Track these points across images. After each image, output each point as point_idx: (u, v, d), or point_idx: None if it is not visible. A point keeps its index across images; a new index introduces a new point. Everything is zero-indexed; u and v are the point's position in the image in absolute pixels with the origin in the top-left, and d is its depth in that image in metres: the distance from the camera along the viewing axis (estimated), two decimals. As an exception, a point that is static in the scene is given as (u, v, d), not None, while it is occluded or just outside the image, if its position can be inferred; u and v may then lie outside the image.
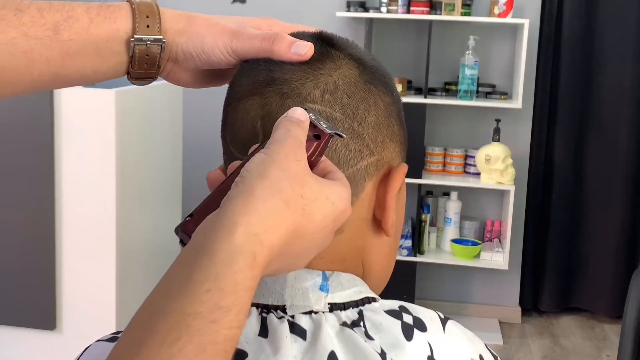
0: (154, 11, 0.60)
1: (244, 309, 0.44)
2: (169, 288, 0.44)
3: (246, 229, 0.45)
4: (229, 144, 0.62)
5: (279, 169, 0.48)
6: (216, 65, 0.63)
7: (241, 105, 0.61)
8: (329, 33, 0.64)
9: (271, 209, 0.46)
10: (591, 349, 3.56)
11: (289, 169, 0.49)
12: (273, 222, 0.46)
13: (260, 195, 0.46)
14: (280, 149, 0.50)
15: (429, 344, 0.59)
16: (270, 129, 0.54)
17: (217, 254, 0.44)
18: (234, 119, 0.61)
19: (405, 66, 3.70)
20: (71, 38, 0.58)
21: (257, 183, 0.47)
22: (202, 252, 0.44)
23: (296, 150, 0.50)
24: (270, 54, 0.61)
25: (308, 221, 0.49)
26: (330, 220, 0.51)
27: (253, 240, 0.45)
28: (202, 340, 0.41)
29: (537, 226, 3.85)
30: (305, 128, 0.53)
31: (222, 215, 0.46)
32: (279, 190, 0.47)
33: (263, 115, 0.59)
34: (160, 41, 0.60)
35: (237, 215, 0.45)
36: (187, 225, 0.52)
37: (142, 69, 0.62)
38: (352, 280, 0.61)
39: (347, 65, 0.61)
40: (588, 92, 3.71)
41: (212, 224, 0.46)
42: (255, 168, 0.48)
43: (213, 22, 0.63)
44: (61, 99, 2.16)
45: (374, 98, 0.61)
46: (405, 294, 3.57)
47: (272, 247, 0.46)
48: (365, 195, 0.61)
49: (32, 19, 0.56)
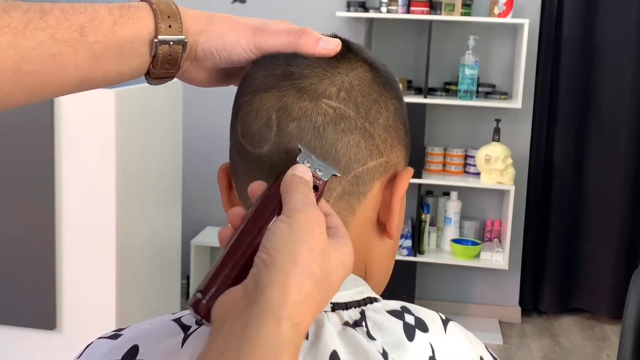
0: (174, 11, 0.60)
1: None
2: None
3: (289, 321, 0.45)
4: (240, 137, 0.62)
5: (308, 248, 0.48)
6: (237, 63, 0.64)
7: (257, 97, 0.61)
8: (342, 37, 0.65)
9: (305, 294, 0.47)
10: (591, 349, 3.56)
11: (316, 245, 0.49)
12: (307, 307, 0.47)
13: (295, 284, 0.46)
14: (305, 221, 0.50)
15: (430, 345, 0.59)
16: (285, 122, 0.54)
17: (261, 347, 0.44)
18: (247, 111, 0.61)
19: (405, 66, 3.70)
20: (97, 40, 0.57)
21: (290, 269, 0.47)
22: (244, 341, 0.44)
23: (319, 221, 0.50)
24: (297, 48, 0.61)
25: (328, 297, 0.50)
26: (342, 280, 0.52)
27: (295, 330, 0.46)
28: None
29: (537, 226, 3.85)
30: (311, 184, 0.54)
31: (261, 307, 0.45)
32: (311, 274, 0.48)
33: (279, 107, 0.59)
34: (182, 41, 0.60)
35: (277, 308, 0.45)
36: (198, 306, 0.50)
37: (163, 69, 0.62)
38: (355, 281, 0.61)
39: (362, 67, 0.62)
40: (588, 92, 3.71)
41: (248, 315, 0.45)
42: (284, 248, 0.48)
43: (234, 20, 0.63)
44: (61, 98, 2.16)
45: (385, 101, 0.62)
46: (405, 294, 3.57)
47: (307, 328, 0.47)
48: (372, 195, 0.62)
49: (57, 21, 0.56)
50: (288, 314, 0.45)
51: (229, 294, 0.48)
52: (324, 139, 0.59)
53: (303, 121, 0.59)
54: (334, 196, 0.60)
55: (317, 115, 0.59)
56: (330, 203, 0.60)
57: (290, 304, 0.46)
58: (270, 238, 0.49)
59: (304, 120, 0.59)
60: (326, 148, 0.59)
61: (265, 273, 0.47)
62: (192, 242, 3.67)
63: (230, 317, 0.46)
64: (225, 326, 0.46)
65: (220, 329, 0.46)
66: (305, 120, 0.59)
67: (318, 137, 0.59)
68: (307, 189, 0.53)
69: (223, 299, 0.48)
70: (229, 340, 0.45)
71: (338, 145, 0.59)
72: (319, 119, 0.59)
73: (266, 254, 0.48)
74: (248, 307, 0.46)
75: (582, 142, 3.75)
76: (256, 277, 0.47)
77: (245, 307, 0.46)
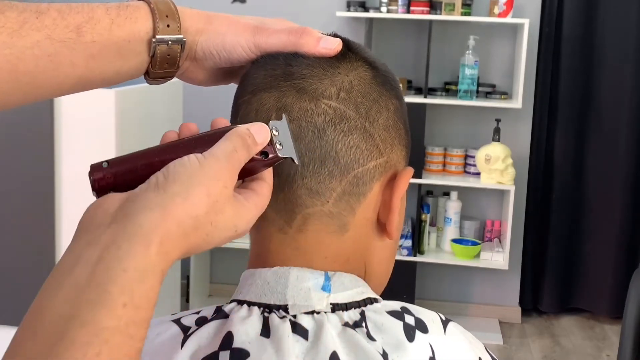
0: (172, 10, 0.60)
1: (148, 322, 0.45)
2: (80, 290, 0.43)
3: (159, 248, 0.45)
4: None
5: (205, 193, 0.48)
6: (236, 63, 0.63)
7: (256, 97, 0.61)
8: (343, 36, 0.64)
9: (182, 231, 0.47)
10: (591, 349, 3.56)
11: (213, 195, 0.49)
12: (180, 243, 0.47)
13: (178, 218, 0.47)
14: (215, 170, 0.50)
15: (430, 345, 0.59)
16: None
17: (131, 270, 0.43)
18: (247, 111, 0.61)
19: (405, 66, 3.70)
20: (94, 40, 0.57)
21: (179, 203, 0.47)
22: (115, 260, 0.44)
23: (228, 176, 0.50)
24: (298, 47, 0.61)
25: (205, 245, 0.50)
26: (226, 241, 0.52)
27: (164, 259, 0.46)
28: (121, 355, 0.42)
29: (537, 226, 3.84)
30: (255, 151, 0.53)
31: (137, 225, 0.45)
32: (195, 217, 0.48)
33: (278, 108, 0.59)
34: (181, 41, 0.60)
35: (152, 233, 0.45)
36: (97, 172, 0.52)
37: (162, 69, 0.61)
38: (355, 281, 0.61)
39: (362, 67, 0.62)
40: (588, 92, 3.71)
41: (123, 229, 0.45)
42: (183, 182, 0.48)
43: (233, 19, 0.63)
44: (61, 98, 2.16)
45: (385, 101, 0.62)
46: (405, 294, 3.57)
47: (173, 261, 0.47)
48: (372, 195, 0.62)
49: (54, 21, 0.55)
50: (159, 241, 0.45)
51: (111, 198, 0.49)
52: (324, 140, 0.59)
53: (302, 121, 0.59)
54: (334, 197, 0.60)
55: (316, 115, 0.59)
56: (330, 203, 0.60)
57: (165, 232, 0.46)
58: (176, 165, 0.49)
59: (303, 120, 0.59)
60: (326, 148, 0.59)
61: (152, 195, 0.47)
62: (192, 242, 3.67)
63: (102, 223, 0.46)
64: (94, 233, 0.46)
65: (87, 234, 0.46)
66: (305, 121, 0.59)
67: (318, 138, 0.59)
68: (243, 146, 0.52)
69: (104, 200, 0.48)
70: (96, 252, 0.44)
71: (338, 145, 0.59)
72: (318, 120, 0.59)
73: (164, 177, 0.48)
74: (122, 221, 0.46)
75: (582, 142, 3.75)
76: (141, 196, 0.48)
77: (120, 219, 0.46)
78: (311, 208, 0.60)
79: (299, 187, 0.59)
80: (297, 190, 0.59)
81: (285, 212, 0.60)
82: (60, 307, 0.42)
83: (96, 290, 0.42)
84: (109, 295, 0.42)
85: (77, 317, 0.41)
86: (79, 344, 0.41)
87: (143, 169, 0.52)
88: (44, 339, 0.41)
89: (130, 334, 0.43)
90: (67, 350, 0.40)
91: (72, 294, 0.43)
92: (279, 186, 0.59)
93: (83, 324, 0.41)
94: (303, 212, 0.60)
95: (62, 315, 0.42)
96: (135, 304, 0.43)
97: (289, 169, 0.59)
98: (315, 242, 0.61)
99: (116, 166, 0.52)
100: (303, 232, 0.61)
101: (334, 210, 0.60)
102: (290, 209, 0.60)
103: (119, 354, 0.42)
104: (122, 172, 0.52)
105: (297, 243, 0.61)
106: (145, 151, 0.53)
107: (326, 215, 0.60)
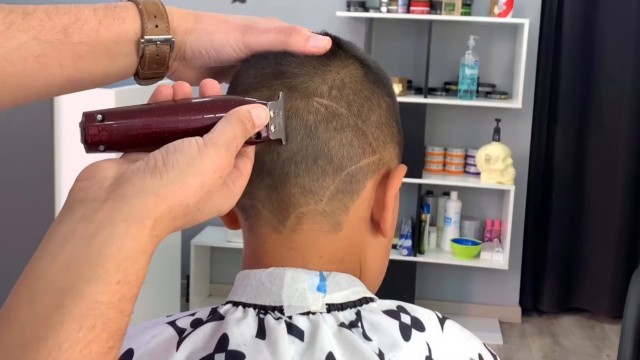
0: (161, 11, 0.60)
1: (136, 298, 0.47)
2: (76, 263, 0.45)
3: (151, 231, 0.47)
4: None
5: (200, 184, 0.50)
6: (226, 62, 0.63)
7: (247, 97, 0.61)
8: (333, 35, 0.64)
9: (172, 217, 0.49)
10: (591, 349, 3.56)
11: (207, 185, 0.51)
12: (168, 227, 0.49)
13: (171, 206, 0.49)
14: (214, 160, 0.51)
15: (427, 344, 0.59)
16: None
17: (126, 249, 0.46)
18: None
19: (405, 66, 3.70)
20: (81, 41, 0.57)
21: (175, 191, 0.49)
22: (111, 238, 0.46)
23: (225, 166, 0.52)
24: (287, 46, 0.61)
25: (188, 225, 0.52)
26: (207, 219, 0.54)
27: (154, 242, 0.48)
28: (113, 328, 0.45)
29: (537, 226, 3.84)
30: (251, 134, 0.55)
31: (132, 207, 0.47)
32: (186, 205, 0.50)
33: None
34: (169, 41, 0.60)
35: (147, 217, 0.47)
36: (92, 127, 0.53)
37: (151, 69, 0.61)
38: (350, 281, 0.61)
39: (353, 65, 0.62)
40: (588, 92, 3.70)
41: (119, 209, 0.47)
42: (181, 170, 0.50)
43: (222, 19, 0.63)
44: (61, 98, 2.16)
45: (377, 99, 0.62)
46: (405, 294, 3.57)
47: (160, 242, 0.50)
48: (365, 194, 0.62)
49: (40, 22, 0.55)
50: (152, 224, 0.47)
51: (104, 169, 0.50)
52: (316, 138, 0.59)
53: (294, 120, 0.59)
54: (328, 195, 0.60)
55: (308, 113, 0.59)
56: (323, 202, 0.60)
57: (158, 217, 0.48)
58: (176, 149, 0.51)
59: (295, 119, 0.59)
60: (318, 146, 0.59)
61: (149, 179, 0.49)
62: (192, 242, 3.67)
63: (97, 198, 0.48)
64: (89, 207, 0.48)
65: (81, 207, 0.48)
66: (297, 119, 0.59)
67: (310, 136, 0.59)
68: (242, 132, 0.54)
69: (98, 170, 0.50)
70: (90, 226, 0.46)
71: (330, 143, 0.59)
72: (310, 118, 0.59)
73: (162, 162, 0.50)
74: (118, 200, 0.47)
75: (582, 142, 3.75)
76: (138, 176, 0.49)
77: (116, 198, 0.48)
78: (305, 207, 0.60)
79: (293, 186, 0.59)
80: (291, 189, 0.59)
81: (279, 211, 0.60)
82: (55, 278, 0.44)
83: (93, 266, 0.45)
84: (105, 271, 0.45)
85: (74, 289, 0.44)
86: (76, 316, 0.43)
87: (138, 135, 0.53)
88: (41, 307, 0.43)
89: (121, 309, 0.45)
90: (64, 320, 0.43)
91: (68, 266, 0.45)
92: (272, 185, 0.59)
93: (79, 297, 0.43)
94: (297, 212, 0.60)
95: (57, 287, 0.44)
96: (128, 281, 0.46)
97: (282, 168, 0.59)
98: (310, 242, 0.61)
99: (111, 121, 0.53)
100: (297, 231, 0.61)
101: (328, 208, 0.60)
102: (284, 209, 0.60)
103: (111, 327, 0.44)
104: (117, 132, 0.53)
105: (292, 243, 0.61)
106: (141, 110, 0.54)
107: (320, 214, 0.60)
